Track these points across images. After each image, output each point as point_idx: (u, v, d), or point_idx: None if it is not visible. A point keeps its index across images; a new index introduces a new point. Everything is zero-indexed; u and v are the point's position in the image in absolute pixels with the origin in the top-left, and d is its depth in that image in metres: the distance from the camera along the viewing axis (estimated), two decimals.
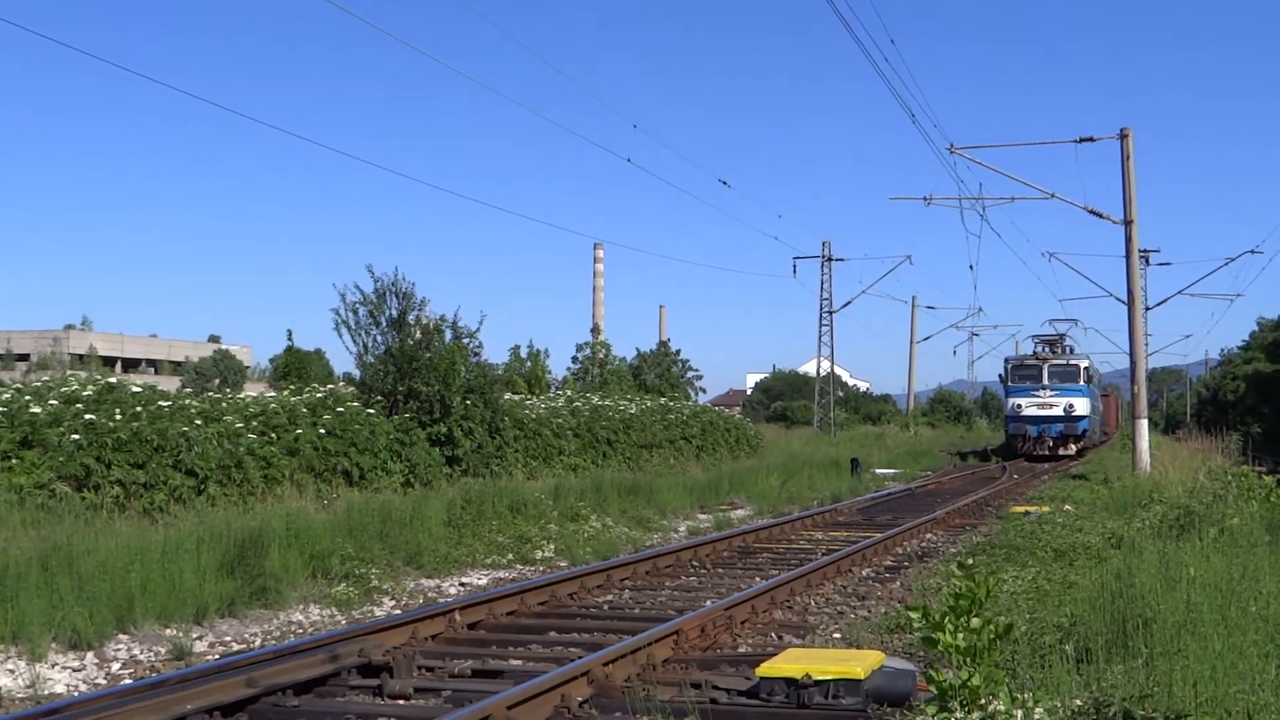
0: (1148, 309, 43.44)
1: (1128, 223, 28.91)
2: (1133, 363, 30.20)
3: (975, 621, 6.15)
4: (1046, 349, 48.91)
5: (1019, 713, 5.34)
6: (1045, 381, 45.72)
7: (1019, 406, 45.96)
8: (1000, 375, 49.39)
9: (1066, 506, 19.86)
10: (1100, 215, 29.49)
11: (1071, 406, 45.26)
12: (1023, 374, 46.60)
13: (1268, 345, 68.99)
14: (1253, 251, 55.82)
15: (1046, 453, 44.85)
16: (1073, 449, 45.57)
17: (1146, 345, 37.68)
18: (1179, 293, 49.07)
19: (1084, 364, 47.11)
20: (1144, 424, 29.13)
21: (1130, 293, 29.77)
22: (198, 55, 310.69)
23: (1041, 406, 45.41)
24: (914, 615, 6.47)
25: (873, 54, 41.92)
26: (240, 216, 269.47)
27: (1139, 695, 5.34)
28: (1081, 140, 29.25)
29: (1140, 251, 30.63)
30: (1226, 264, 57.82)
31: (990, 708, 5.48)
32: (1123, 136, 28.89)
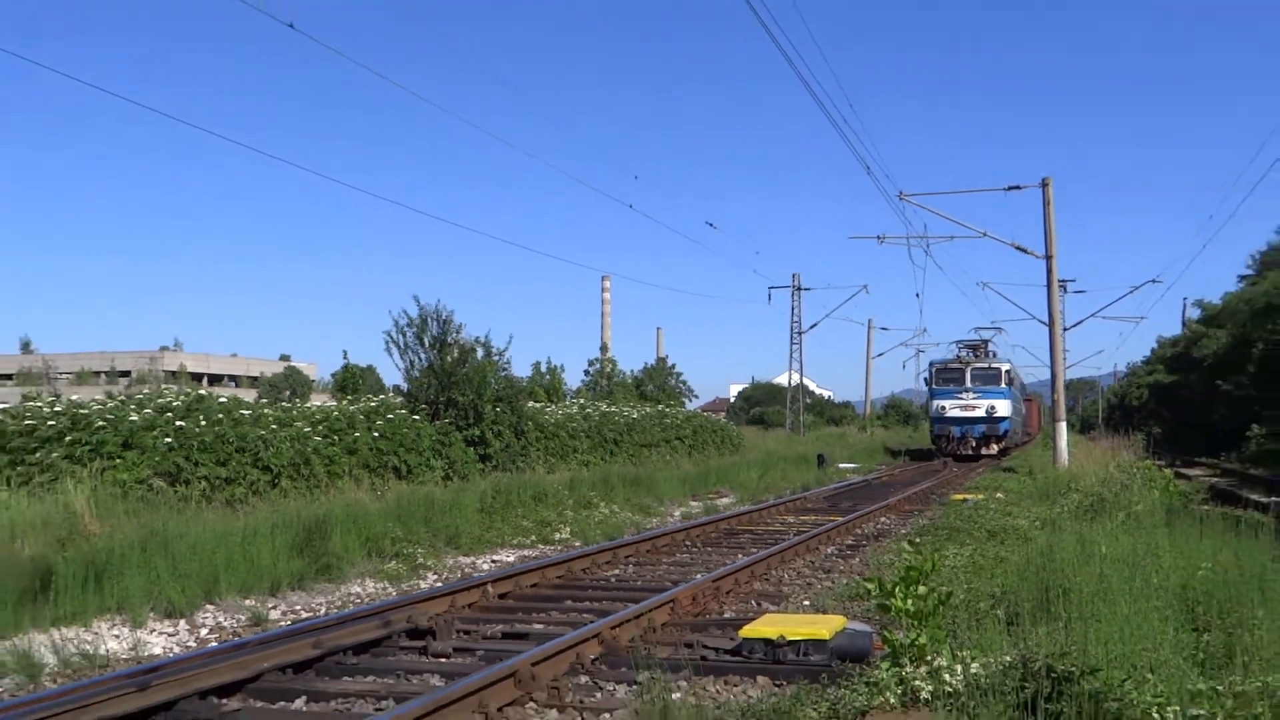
0: (1065, 330, 42.98)
1: (1048, 257, 28.94)
2: (1053, 374, 30.23)
3: (922, 590, 6.17)
4: (970, 353, 43.36)
5: (958, 667, 5.37)
6: (968, 384, 40.71)
7: (943, 408, 40.93)
8: (925, 378, 43.45)
9: (998, 495, 19.73)
10: (1025, 251, 29.53)
11: (994, 408, 40.47)
12: (946, 377, 41.38)
13: (1166, 359, 69.05)
14: (1153, 281, 56.42)
15: (970, 452, 40.25)
16: (995, 449, 40.79)
17: (1065, 360, 37.65)
18: (1092, 315, 48.69)
19: (1005, 367, 42.02)
20: (1063, 426, 29.11)
21: (1051, 316, 29.82)
22: (277, 122, 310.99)
23: (965, 408, 40.57)
24: (870, 585, 6.49)
25: (834, 116, 42.05)
26: (305, 253, 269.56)
27: (1059, 652, 5.35)
28: (1010, 188, 29.30)
29: (1059, 281, 30.55)
30: (1132, 291, 58.53)
31: (935, 663, 5.50)
32: (1044, 185, 28.94)
